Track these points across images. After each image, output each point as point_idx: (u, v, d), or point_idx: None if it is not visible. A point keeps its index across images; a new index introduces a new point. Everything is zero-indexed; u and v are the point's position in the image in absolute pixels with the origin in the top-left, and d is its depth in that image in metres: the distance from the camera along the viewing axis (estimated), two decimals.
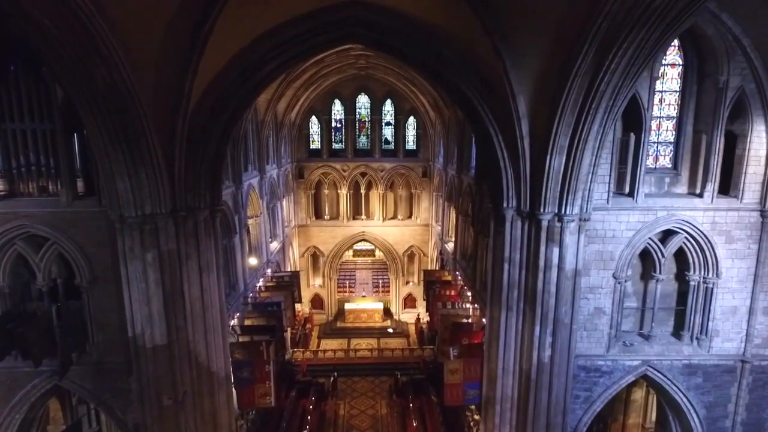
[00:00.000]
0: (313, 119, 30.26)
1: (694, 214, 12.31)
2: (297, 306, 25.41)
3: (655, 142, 13.00)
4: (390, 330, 30.61)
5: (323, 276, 31.78)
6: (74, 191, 12.14)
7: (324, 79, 26.24)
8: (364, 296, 32.94)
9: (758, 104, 11.85)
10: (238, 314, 16.86)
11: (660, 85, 12.68)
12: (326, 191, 30.91)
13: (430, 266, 30.86)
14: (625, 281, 12.82)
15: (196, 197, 11.97)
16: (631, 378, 13.17)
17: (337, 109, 30.32)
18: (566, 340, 12.20)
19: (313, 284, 32.13)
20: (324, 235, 31.18)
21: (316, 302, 32.21)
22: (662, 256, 12.69)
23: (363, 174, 30.55)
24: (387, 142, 30.97)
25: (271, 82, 12.53)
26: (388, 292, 32.91)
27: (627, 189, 12.73)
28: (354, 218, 31.32)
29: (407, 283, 32.25)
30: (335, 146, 30.87)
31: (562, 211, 11.34)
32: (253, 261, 20.20)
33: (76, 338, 12.49)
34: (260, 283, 20.82)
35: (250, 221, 20.68)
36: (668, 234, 12.65)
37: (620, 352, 13.10)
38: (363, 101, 30.27)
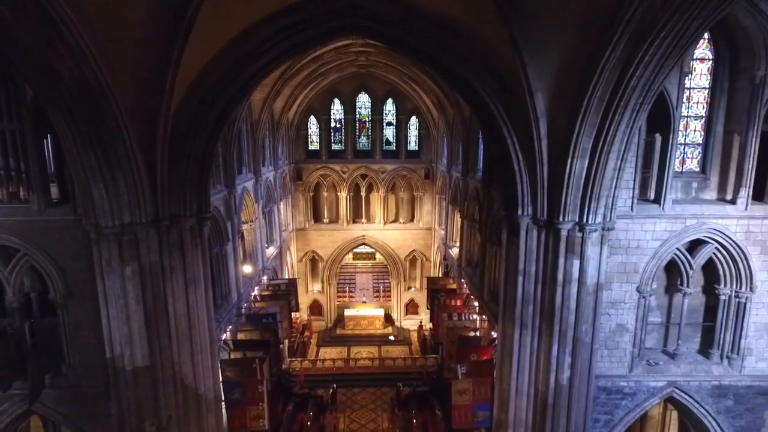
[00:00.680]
0: (312, 119, 29.21)
1: (727, 223, 11.26)
2: (295, 313, 24.35)
3: (681, 144, 11.94)
4: (391, 338, 29.56)
5: (322, 281, 30.72)
6: (47, 198, 11.08)
7: (323, 78, 25.17)
8: (364, 302, 31.88)
9: None
10: (230, 327, 15.81)
11: (687, 82, 11.61)
12: (325, 194, 29.86)
13: (433, 272, 29.84)
14: (650, 295, 11.76)
15: (182, 204, 10.92)
16: (656, 400, 12.14)
17: (337, 109, 29.27)
18: (587, 361, 11.18)
19: (311, 290, 31.08)
20: (323, 239, 30.12)
21: (315, 308, 31.15)
22: (690, 268, 11.64)
23: (363, 176, 29.51)
24: (388, 142, 29.93)
25: (263, 78, 11.48)
26: (389, 298, 31.85)
27: (652, 195, 11.68)
28: (354, 221, 30.27)
29: (409, 288, 31.20)
30: (335, 147, 29.82)
31: (584, 220, 10.33)
32: (247, 269, 19.14)
33: (50, 359, 11.44)
34: (255, 291, 19.77)
35: (244, 226, 19.64)
36: (697, 244, 11.60)
37: (644, 372, 12.05)
38: (363, 100, 29.21)
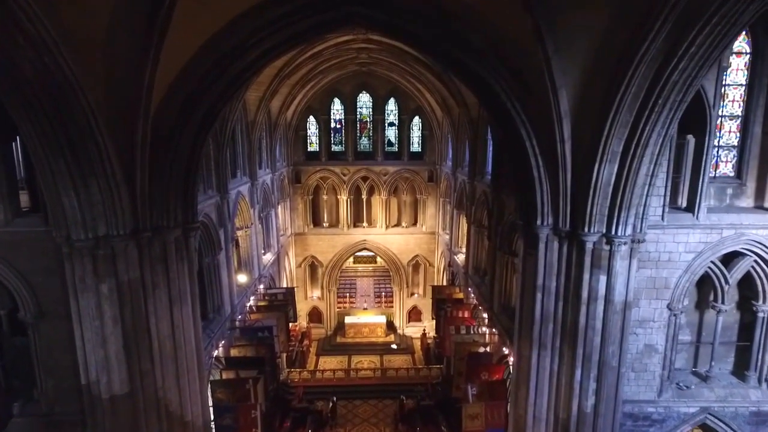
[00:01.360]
0: (311, 119, 28.12)
1: None
2: (293, 323, 23.27)
3: (715, 146, 10.87)
4: (394, 346, 28.48)
5: (322, 288, 29.65)
6: (15, 207, 10.00)
7: (322, 76, 24.10)
8: (365, 308, 30.80)
9: None
10: (223, 342, 14.75)
11: (724, 78, 10.56)
12: (325, 197, 28.79)
13: (437, 278, 28.78)
14: (681, 313, 10.70)
15: (164, 214, 9.88)
16: (687, 428, 11.06)
17: (337, 109, 28.19)
18: (613, 386, 10.13)
19: (310, 296, 30.00)
20: (323, 243, 29.04)
21: (315, 315, 30.07)
22: (726, 283, 10.58)
23: (364, 178, 28.43)
24: (390, 143, 28.84)
25: (254, 75, 10.46)
26: (391, 304, 30.77)
27: (684, 203, 10.61)
28: (355, 225, 29.18)
29: (412, 294, 30.11)
30: (335, 148, 28.74)
31: (612, 232, 9.28)
32: (242, 278, 18.09)
33: (20, 383, 10.38)
34: (251, 301, 18.70)
35: (239, 233, 18.58)
36: (732, 256, 10.54)
37: (674, 397, 10.99)
38: (364, 100, 28.14)
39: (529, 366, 10.78)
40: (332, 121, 28.31)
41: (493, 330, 15.93)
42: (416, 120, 28.35)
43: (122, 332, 9.48)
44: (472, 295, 19.39)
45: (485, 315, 17.11)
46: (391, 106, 28.18)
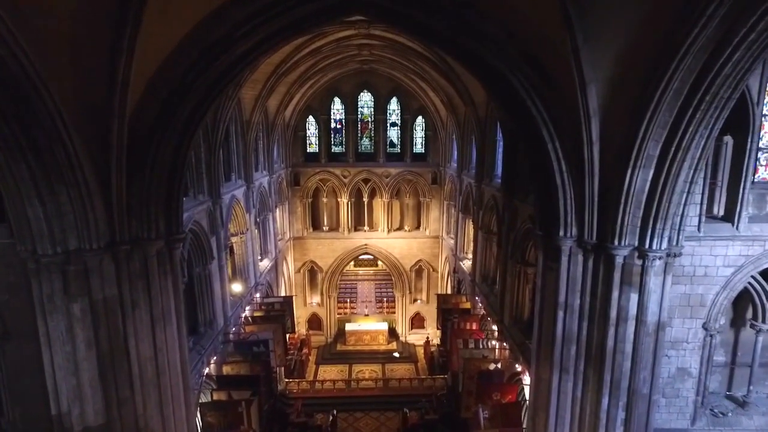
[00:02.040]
0: (310, 119, 27.10)
1: None
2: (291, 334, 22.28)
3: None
4: (396, 354, 27.47)
5: (321, 294, 28.62)
6: None
7: (322, 74, 23.08)
8: (366, 315, 29.79)
9: None
10: (215, 358, 13.75)
11: None
12: (325, 200, 27.77)
13: (441, 284, 27.76)
14: (718, 332, 9.69)
15: (145, 225, 8.88)
16: None
17: (337, 108, 27.17)
18: (644, 416, 9.13)
19: (310, 302, 28.98)
20: (322, 248, 28.01)
21: (314, 322, 29.05)
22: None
23: (366, 180, 27.40)
24: (392, 144, 27.81)
25: (244, 69, 9.44)
26: (393, 310, 29.76)
27: (720, 211, 9.60)
28: (356, 229, 28.15)
29: (415, 301, 29.09)
30: (335, 149, 27.71)
31: (646, 245, 8.29)
32: (237, 288, 17.08)
33: None
34: (246, 312, 17.69)
35: (234, 239, 17.58)
36: None
37: (709, 425, 9.99)
38: (366, 99, 27.11)
39: (549, 391, 9.79)
40: (332, 121, 27.28)
41: (504, 344, 14.92)
42: (419, 120, 27.32)
43: (97, 357, 8.49)
44: (480, 305, 18.37)
45: (494, 327, 16.10)
46: (394, 105, 27.15)
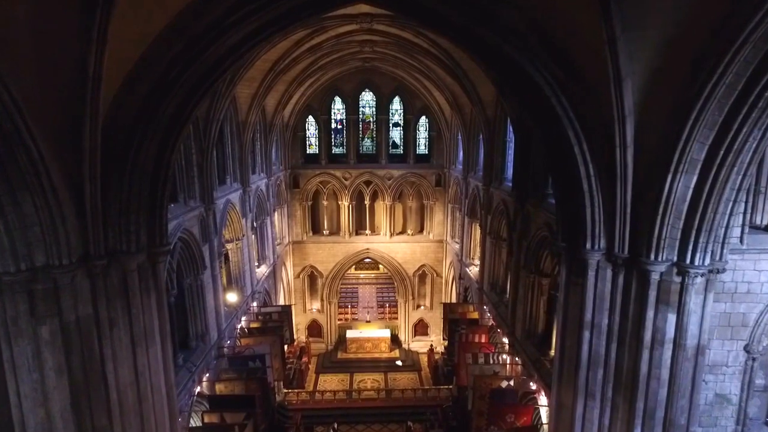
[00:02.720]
0: (310, 119, 26.20)
1: None
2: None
3: None
4: (399, 363, 26.56)
5: (321, 299, 27.71)
6: None
7: (322, 72, 22.18)
8: (368, 321, 28.89)
9: None
10: (207, 375, 12.82)
11: None
12: (325, 202, 26.85)
13: (445, 289, 26.85)
14: (761, 355, 8.77)
15: (124, 236, 7.97)
16: None
17: (338, 108, 26.27)
18: None
19: (310, 308, 28.07)
20: (322, 252, 27.10)
21: (314, 329, 28.14)
22: None
23: (367, 182, 26.49)
24: (395, 145, 26.91)
25: (234, 63, 8.52)
26: (396, 316, 28.84)
27: (764, 220, 8.68)
28: (357, 233, 27.26)
29: (418, 307, 28.19)
30: (335, 151, 26.82)
31: (686, 260, 7.38)
32: (231, 297, 16.16)
33: None
34: (242, 323, 16.76)
35: (228, 246, 16.67)
36: None
37: None
38: (367, 99, 26.21)
39: (572, 418, 8.89)
40: (333, 121, 26.39)
41: (516, 359, 14.01)
42: (423, 120, 26.43)
43: (69, 384, 7.55)
44: (488, 315, 17.45)
45: (505, 339, 15.18)
46: (396, 105, 26.26)
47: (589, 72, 7.21)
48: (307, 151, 26.61)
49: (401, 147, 26.88)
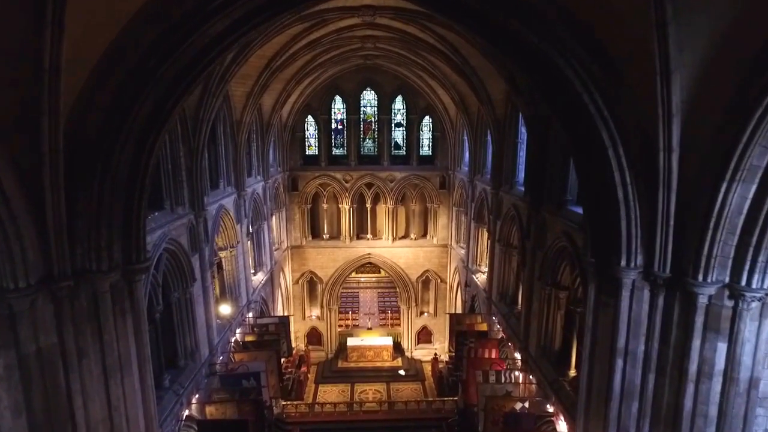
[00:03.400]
0: (310, 119, 25.23)
1: None
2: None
3: None
4: (402, 372, 25.57)
5: (321, 306, 26.73)
6: None
7: (321, 70, 21.20)
8: (369, 329, 27.90)
9: None
10: (197, 396, 11.83)
11: None
12: (325, 206, 25.87)
13: (450, 296, 25.88)
14: None
15: (94, 253, 7.00)
16: None
17: (338, 108, 25.29)
18: None
19: (309, 315, 27.09)
20: (322, 257, 26.12)
21: (313, 337, 27.16)
22: None
23: (369, 185, 25.51)
24: (397, 146, 25.93)
25: (221, 54, 7.52)
26: (398, 322, 27.85)
27: None
28: (358, 237, 26.28)
29: (422, 314, 27.19)
30: (336, 152, 25.84)
31: (741, 281, 6.41)
32: (225, 309, 15.17)
33: None
34: (237, 335, 15.77)
35: (222, 254, 15.69)
36: None
37: None
38: (369, 98, 25.24)
39: None
40: (333, 121, 25.40)
41: (530, 377, 13.02)
42: (426, 120, 25.44)
43: (29, 425, 6.58)
44: (498, 326, 16.46)
45: (517, 355, 14.19)
46: (399, 104, 25.27)
47: (629, 65, 6.24)
48: (307, 153, 25.65)
49: (404, 148, 25.92)
